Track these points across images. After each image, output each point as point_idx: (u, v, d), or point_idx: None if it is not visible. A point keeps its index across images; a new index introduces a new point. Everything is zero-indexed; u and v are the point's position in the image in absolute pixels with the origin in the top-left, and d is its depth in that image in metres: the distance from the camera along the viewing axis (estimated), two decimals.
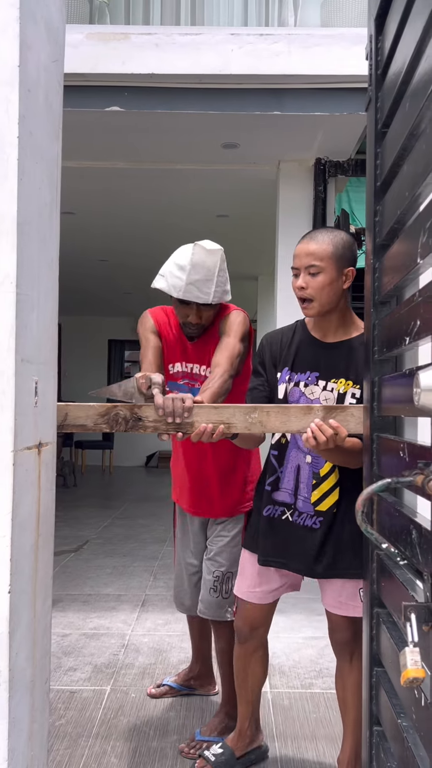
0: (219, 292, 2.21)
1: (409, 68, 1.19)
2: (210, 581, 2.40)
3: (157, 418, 1.74)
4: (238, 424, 1.73)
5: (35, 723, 1.58)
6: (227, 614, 2.38)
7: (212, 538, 2.44)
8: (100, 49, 3.68)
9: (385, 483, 1.00)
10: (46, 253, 1.58)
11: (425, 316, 1.03)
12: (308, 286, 1.90)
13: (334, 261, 1.89)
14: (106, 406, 1.75)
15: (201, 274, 2.15)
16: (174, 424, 1.73)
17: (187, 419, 1.73)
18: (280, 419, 1.71)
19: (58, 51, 1.68)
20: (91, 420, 1.74)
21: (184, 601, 2.62)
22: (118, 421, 1.74)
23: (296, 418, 1.71)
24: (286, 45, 3.67)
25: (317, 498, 1.97)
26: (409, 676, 0.89)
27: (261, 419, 1.71)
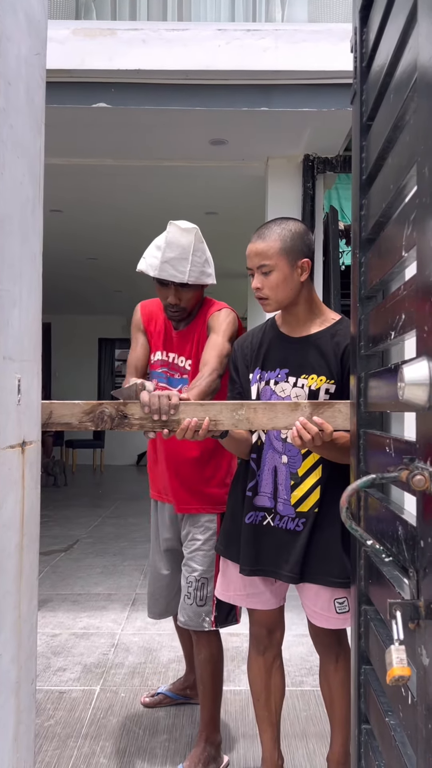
0: (195, 272, 2.20)
1: (393, 60, 1.18)
2: (185, 587, 2.30)
3: (143, 416, 1.72)
4: (225, 421, 1.71)
5: (21, 725, 1.56)
6: (205, 624, 2.26)
7: (186, 543, 2.35)
8: (86, 45, 3.66)
9: (370, 479, 0.98)
10: (29, 249, 1.56)
11: (410, 309, 1.02)
12: (263, 285, 1.87)
13: (284, 256, 1.85)
14: (91, 403, 1.72)
15: (176, 253, 2.17)
16: (160, 421, 1.71)
17: (173, 416, 1.71)
18: (267, 416, 1.69)
19: (40, 44, 1.66)
20: (76, 418, 1.71)
21: (150, 604, 2.54)
22: (103, 419, 1.71)
23: (283, 415, 1.68)
24: (274, 41, 3.66)
25: (297, 499, 1.90)
26: (395, 675, 0.88)
27: (248, 416, 1.69)
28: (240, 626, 2.38)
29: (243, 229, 6.18)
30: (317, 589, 1.89)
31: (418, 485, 0.86)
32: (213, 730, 2.31)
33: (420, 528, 0.93)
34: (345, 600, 1.87)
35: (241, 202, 5.41)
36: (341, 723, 2.01)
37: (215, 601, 2.24)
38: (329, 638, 1.98)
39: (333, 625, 1.91)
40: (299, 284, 1.89)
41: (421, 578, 0.91)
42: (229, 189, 5.15)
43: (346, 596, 1.87)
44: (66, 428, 1.72)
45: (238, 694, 2.85)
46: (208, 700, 2.31)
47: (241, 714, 2.68)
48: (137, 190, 5.18)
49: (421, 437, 0.92)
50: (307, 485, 1.89)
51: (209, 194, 5.27)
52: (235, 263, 7.78)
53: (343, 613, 1.88)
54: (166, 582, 2.48)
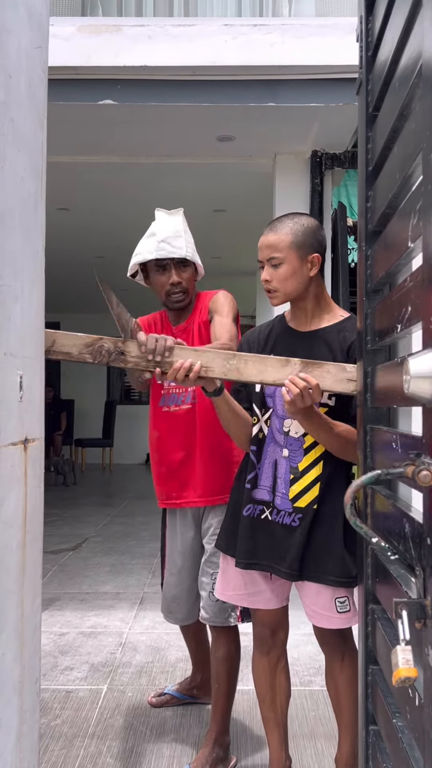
0: (190, 249, 2.31)
1: (398, 47, 1.15)
2: (209, 584, 2.27)
3: (139, 354, 1.77)
4: (216, 368, 1.76)
5: (24, 724, 1.54)
6: (231, 619, 2.25)
7: (207, 537, 2.34)
8: (92, 42, 3.64)
9: (375, 475, 0.96)
10: (31, 244, 1.54)
11: (416, 301, 0.99)
12: (272, 278, 1.88)
13: (294, 250, 1.86)
14: (92, 337, 1.78)
15: (169, 231, 2.29)
16: (154, 361, 1.76)
17: (167, 359, 1.76)
18: (257, 368, 1.73)
19: (42, 37, 1.64)
20: (76, 349, 1.76)
21: (171, 609, 2.50)
22: (101, 353, 1.77)
23: (273, 369, 1.72)
24: (281, 35, 3.63)
25: (295, 494, 1.87)
26: (401, 676, 0.86)
27: (239, 366, 1.74)
28: (249, 625, 2.35)
29: (251, 227, 6.15)
30: (318, 589, 1.86)
31: (424, 481, 0.84)
32: (223, 730, 2.29)
33: (426, 525, 0.91)
34: (346, 599, 1.85)
35: (249, 199, 5.38)
36: (349, 723, 1.98)
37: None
38: (334, 637, 1.95)
39: (334, 624, 1.88)
40: (308, 279, 1.89)
41: (427, 576, 0.89)
42: (237, 186, 5.12)
43: (347, 595, 1.85)
44: (66, 358, 1.77)
45: (246, 693, 2.83)
46: (221, 699, 2.28)
47: (249, 714, 2.66)
48: (144, 188, 5.16)
49: (427, 432, 0.90)
50: (306, 481, 1.87)
51: (217, 191, 5.25)
52: (243, 261, 7.77)
53: (344, 613, 1.86)
54: (188, 585, 2.44)
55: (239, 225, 6.10)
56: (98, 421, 11.12)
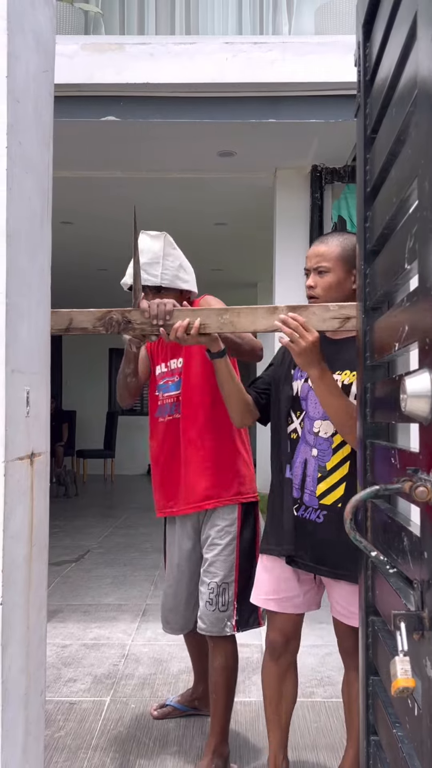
0: (168, 275, 2.33)
1: (395, 74, 1.19)
2: (206, 594, 2.30)
3: (144, 321, 1.96)
4: (212, 324, 1.93)
5: (30, 736, 1.56)
6: (227, 629, 2.27)
7: (206, 547, 2.36)
8: (95, 60, 3.70)
9: (374, 490, 0.99)
10: (37, 263, 1.58)
11: (412, 321, 1.03)
12: (317, 285, 2.00)
13: (341, 262, 1.98)
14: (102, 311, 1.97)
15: (147, 258, 2.32)
16: (158, 325, 1.94)
17: (168, 321, 1.94)
18: (249, 319, 1.90)
19: (48, 61, 1.68)
20: (91, 323, 1.96)
21: (168, 619, 2.51)
22: (112, 323, 1.95)
23: (263, 318, 1.89)
24: (281, 53, 3.69)
25: (322, 491, 1.96)
26: (400, 686, 0.88)
27: (232, 319, 1.91)
28: (249, 637, 2.38)
29: (252, 240, 6.21)
30: (352, 588, 1.88)
31: (420, 497, 0.87)
32: (222, 740, 2.30)
33: (423, 539, 0.93)
34: None
35: (251, 213, 5.43)
36: (357, 733, 2.00)
37: (236, 605, 2.26)
38: (353, 640, 1.96)
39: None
40: (350, 291, 1.99)
41: (425, 589, 0.92)
42: (238, 200, 5.18)
43: None
44: (83, 332, 1.98)
45: (248, 705, 2.85)
46: (219, 709, 2.30)
47: (251, 725, 2.67)
48: (146, 202, 5.21)
49: (423, 448, 0.93)
50: (333, 479, 1.96)
51: (218, 205, 5.30)
52: (244, 273, 7.82)
53: None
54: (186, 596, 2.45)
55: (240, 238, 6.16)
56: (100, 432, 11.14)
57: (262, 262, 6.87)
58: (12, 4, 1.37)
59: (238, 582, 2.29)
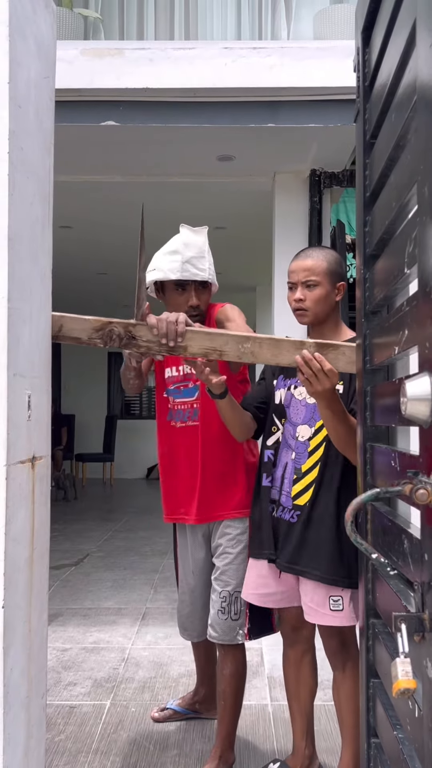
0: (212, 270, 2.29)
1: (394, 80, 1.20)
2: (217, 602, 2.28)
3: (151, 338, 1.76)
4: (230, 352, 1.75)
5: (32, 739, 1.57)
6: (238, 637, 2.27)
7: (217, 556, 2.34)
8: (94, 65, 3.71)
9: (374, 493, 1.00)
10: (39, 268, 1.59)
11: (412, 325, 1.03)
12: (306, 298, 2.04)
13: (329, 276, 2.04)
14: (101, 320, 1.74)
15: (194, 251, 2.24)
16: (166, 346, 1.76)
17: (180, 342, 1.75)
18: (271, 351, 1.74)
19: (49, 67, 1.69)
20: (85, 333, 1.73)
21: (186, 626, 2.52)
22: (112, 337, 1.74)
23: (287, 352, 1.74)
24: (280, 58, 3.70)
25: (296, 492, 2.05)
26: (401, 687, 0.89)
27: (253, 350, 1.74)
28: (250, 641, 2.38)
29: (251, 244, 6.22)
30: (315, 585, 2.00)
31: (421, 499, 0.87)
32: (228, 747, 2.30)
33: (424, 541, 0.94)
34: (340, 599, 1.97)
35: (250, 217, 5.45)
36: (350, 734, 2.03)
37: (248, 614, 2.27)
38: (333, 640, 2.05)
39: (326, 621, 1.99)
40: (334, 303, 2.09)
41: (425, 591, 0.92)
42: (237, 204, 5.19)
43: (342, 595, 1.97)
44: (75, 342, 1.73)
45: (248, 708, 2.85)
46: (227, 716, 2.30)
47: (252, 729, 2.67)
48: (146, 206, 5.22)
49: (424, 451, 0.93)
50: (306, 481, 2.04)
51: (217, 209, 5.31)
52: (243, 277, 7.83)
53: (337, 611, 1.97)
54: (202, 603, 2.44)
55: (239, 242, 6.17)
56: (99, 435, 11.14)
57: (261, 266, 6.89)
58: (14, 11, 1.38)
59: None
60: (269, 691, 3.03)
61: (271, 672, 3.22)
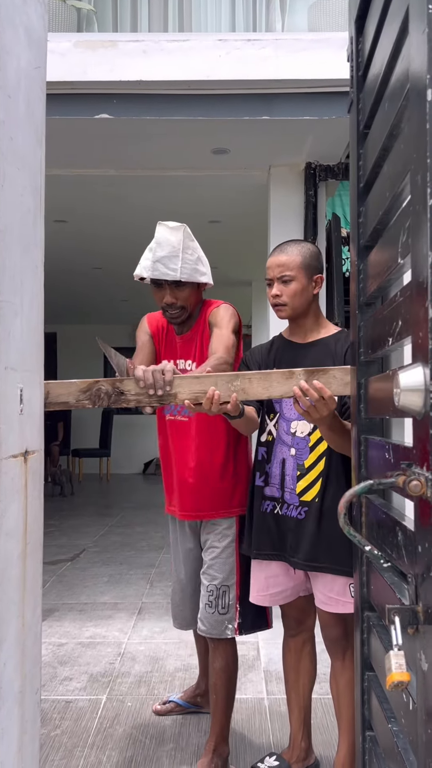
0: (188, 269, 2.23)
1: (387, 69, 1.19)
2: (205, 596, 2.29)
3: (139, 391, 1.74)
4: (222, 393, 1.73)
5: (26, 734, 1.56)
6: (227, 631, 2.27)
7: (205, 550, 2.35)
8: (88, 57, 3.69)
9: (368, 485, 0.99)
10: (30, 260, 1.57)
11: (406, 316, 1.03)
12: (282, 293, 2.06)
13: (303, 269, 2.05)
14: (87, 382, 1.73)
15: (166, 251, 2.22)
16: (156, 396, 1.73)
17: (169, 391, 1.73)
18: (262, 385, 1.71)
19: (40, 58, 1.67)
20: (73, 397, 1.72)
21: (176, 614, 2.54)
22: (100, 396, 1.72)
23: (278, 384, 1.71)
24: (274, 50, 3.68)
25: (302, 488, 2.03)
26: (394, 680, 0.88)
27: (243, 386, 1.71)
28: (246, 635, 2.37)
29: (246, 237, 6.20)
30: (333, 578, 1.99)
31: (414, 491, 0.86)
32: (222, 740, 2.30)
33: (417, 533, 0.93)
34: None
35: (244, 211, 5.43)
36: (348, 725, 2.03)
37: (238, 608, 2.25)
38: (338, 628, 2.04)
39: (348, 609, 1.98)
40: (312, 296, 2.09)
41: (419, 583, 0.92)
42: (232, 197, 5.17)
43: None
44: (64, 407, 1.73)
45: (244, 702, 2.85)
46: (220, 709, 2.30)
47: (247, 722, 2.67)
48: (141, 200, 5.21)
49: (417, 443, 0.93)
50: (311, 476, 2.02)
51: (212, 203, 5.29)
52: (239, 271, 7.81)
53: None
54: (190, 593, 2.46)
55: (235, 236, 6.15)
56: (95, 431, 11.13)
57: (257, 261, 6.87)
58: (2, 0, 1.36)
59: (240, 585, 2.28)
60: (265, 684, 3.03)
61: (267, 666, 3.22)
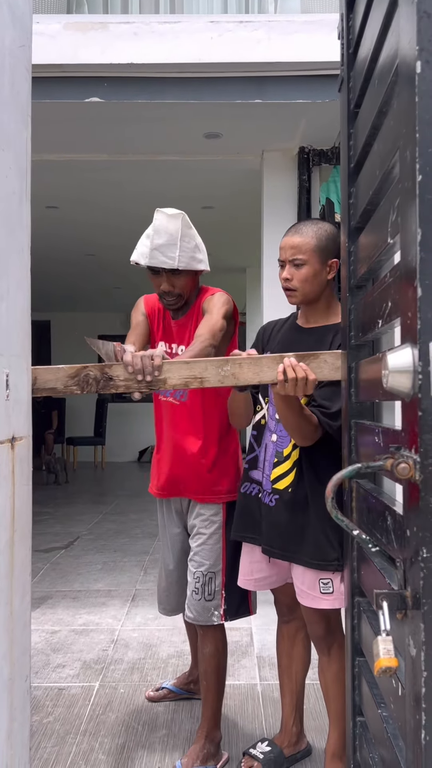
0: (185, 257, 2.21)
1: (377, 44, 1.16)
2: (192, 582, 2.29)
3: (128, 377, 1.71)
4: (211, 378, 1.69)
5: (15, 722, 1.55)
6: (213, 618, 2.26)
7: (192, 537, 2.34)
8: (78, 39, 3.64)
9: (356, 468, 0.97)
10: (16, 243, 1.54)
11: (395, 297, 1.01)
12: (293, 277, 1.95)
13: (317, 253, 1.94)
14: (75, 367, 1.69)
15: (164, 239, 2.18)
16: (145, 382, 1.71)
17: (157, 377, 1.71)
18: (252, 370, 1.68)
19: (25, 36, 1.64)
20: (61, 383, 1.69)
21: (161, 599, 2.53)
22: (88, 382, 1.70)
23: (269, 368, 1.68)
24: (267, 32, 3.63)
25: (276, 476, 2.00)
26: (382, 666, 0.87)
27: (234, 371, 1.68)
28: (239, 620, 2.37)
29: (239, 224, 6.16)
30: (304, 569, 1.97)
31: (402, 474, 0.85)
32: (214, 726, 2.30)
33: (406, 517, 0.92)
34: (330, 581, 1.94)
35: (238, 197, 5.39)
36: (337, 716, 2.03)
37: (224, 594, 2.25)
38: (318, 625, 2.02)
39: (318, 604, 1.96)
40: (325, 282, 1.98)
41: (407, 568, 0.90)
42: (225, 183, 5.13)
43: (331, 578, 1.94)
44: (52, 393, 1.70)
45: (237, 688, 2.85)
46: (211, 695, 2.30)
47: (240, 708, 2.68)
48: (133, 186, 5.16)
49: (405, 425, 0.91)
50: (287, 465, 1.98)
51: (205, 188, 5.25)
52: (233, 258, 7.77)
53: (327, 594, 1.94)
54: (176, 578, 2.45)
55: (228, 222, 6.11)
56: (90, 419, 11.11)
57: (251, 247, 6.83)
58: None
59: (226, 571, 2.28)
60: (258, 670, 3.03)
61: (260, 652, 3.23)
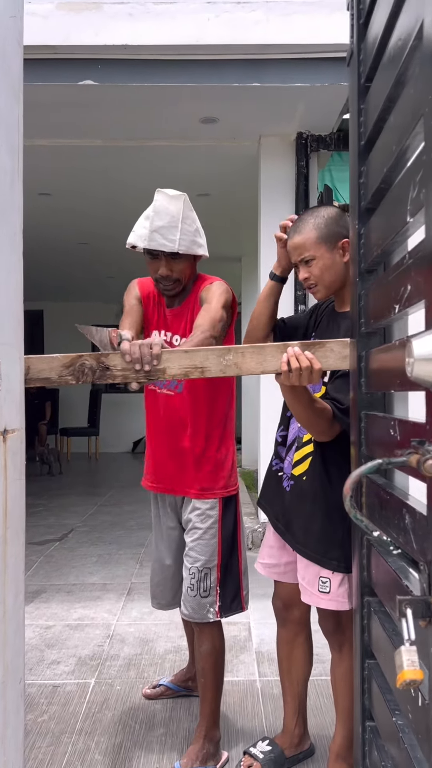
0: (186, 241, 2.12)
1: (394, 11, 1.08)
2: (187, 579, 2.23)
3: (126, 367, 1.64)
4: (212, 367, 1.62)
5: (8, 727, 1.48)
6: (209, 614, 2.20)
7: (187, 532, 2.28)
8: (71, 20, 3.54)
9: (376, 464, 0.90)
10: (7, 226, 1.46)
11: (417, 279, 0.93)
12: (309, 275, 1.91)
13: (321, 243, 1.89)
14: (70, 356, 1.62)
15: (165, 221, 2.09)
16: (143, 371, 1.63)
17: (156, 366, 1.63)
18: (255, 359, 1.60)
19: (16, 6, 1.55)
20: (55, 372, 1.62)
21: (155, 594, 2.47)
22: (84, 371, 1.62)
23: (272, 357, 1.60)
24: (265, 13, 3.55)
25: (296, 460, 1.99)
26: (406, 678, 0.80)
27: (236, 361, 1.60)
28: (237, 615, 2.31)
29: (236, 211, 6.08)
30: (307, 563, 1.95)
31: (429, 471, 0.78)
32: (212, 725, 2.24)
33: (430, 517, 0.85)
34: (328, 581, 1.91)
35: (234, 183, 5.30)
36: (344, 715, 1.99)
37: (218, 591, 2.19)
38: (328, 621, 1.99)
39: (314, 601, 1.94)
40: (343, 265, 1.91)
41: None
42: (222, 169, 5.04)
43: (330, 578, 1.90)
44: (46, 383, 1.63)
45: (236, 684, 2.80)
46: (209, 693, 2.24)
47: (240, 705, 2.62)
48: (127, 172, 5.06)
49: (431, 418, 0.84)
50: (304, 452, 1.98)
51: (201, 175, 5.16)
52: (229, 246, 7.68)
53: (324, 593, 1.91)
54: (172, 573, 2.39)
55: (224, 209, 6.03)
56: (84, 410, 11.03)
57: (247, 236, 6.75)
58: None
59: (221, 567, 2.22)
60: (257, 666, 2.97)
61: (259, 647, 3.17)
